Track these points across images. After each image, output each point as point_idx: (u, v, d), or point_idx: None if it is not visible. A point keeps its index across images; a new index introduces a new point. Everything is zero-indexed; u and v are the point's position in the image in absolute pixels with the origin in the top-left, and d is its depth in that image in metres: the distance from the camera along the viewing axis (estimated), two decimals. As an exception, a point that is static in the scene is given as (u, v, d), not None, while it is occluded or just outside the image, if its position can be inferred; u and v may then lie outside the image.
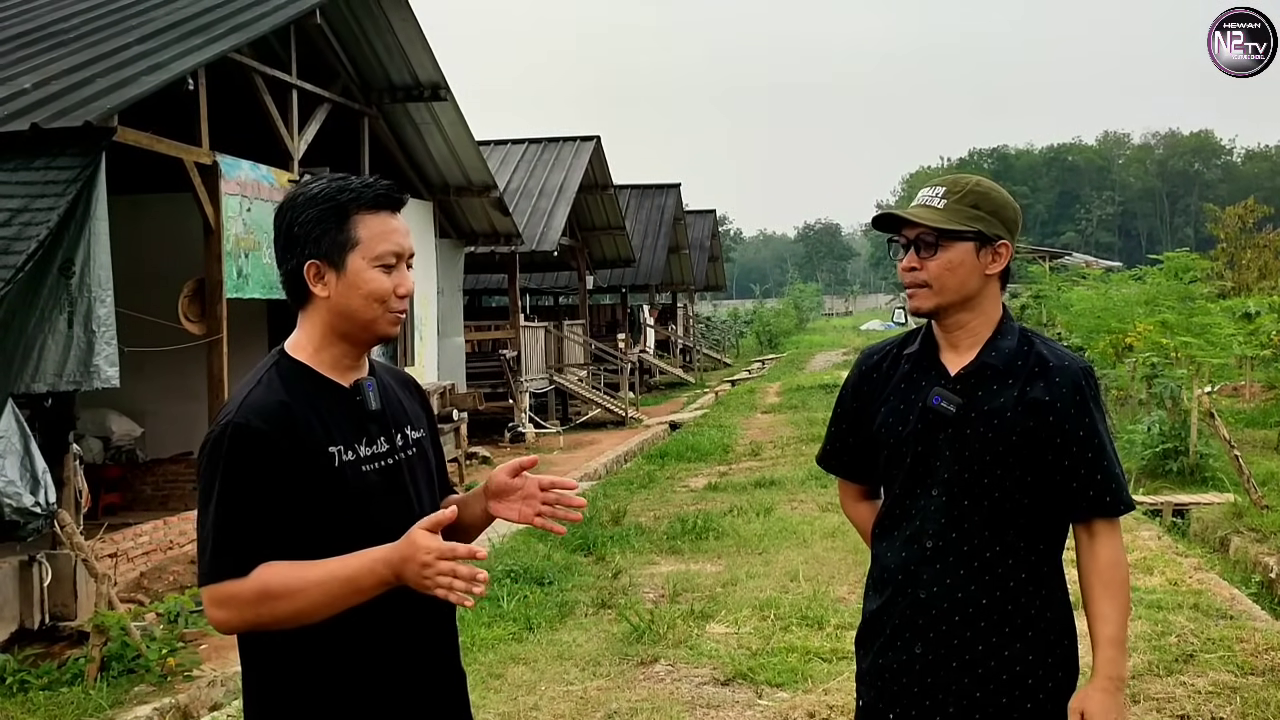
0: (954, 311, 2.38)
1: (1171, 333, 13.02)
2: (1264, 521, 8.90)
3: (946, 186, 2.39)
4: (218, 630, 2.05)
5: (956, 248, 2.34)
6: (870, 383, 2.53)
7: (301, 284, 2.12)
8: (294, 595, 1.97)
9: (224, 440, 2.01)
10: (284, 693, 2.08)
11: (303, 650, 2.05)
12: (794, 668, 5.83)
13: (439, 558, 1.92)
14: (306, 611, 1.98)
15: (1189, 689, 5.30)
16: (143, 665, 6.33)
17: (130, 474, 10.57)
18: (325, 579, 1.98)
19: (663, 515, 10.78)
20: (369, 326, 2.13)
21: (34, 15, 10.87)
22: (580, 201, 23.16)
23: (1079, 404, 2.33)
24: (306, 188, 2.15)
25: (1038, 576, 2.35)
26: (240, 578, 1.97)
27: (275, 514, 2.00)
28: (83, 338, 7.01)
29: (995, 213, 2.37)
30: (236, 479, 1.99)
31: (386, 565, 1.96)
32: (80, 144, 7.30)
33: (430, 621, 2.18)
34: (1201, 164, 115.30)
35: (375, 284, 2.10)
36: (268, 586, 1.97)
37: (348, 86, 13.16)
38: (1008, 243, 2.38)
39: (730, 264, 74.48)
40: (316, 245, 2.10)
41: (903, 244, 2.41)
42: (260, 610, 1.98)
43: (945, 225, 2.34)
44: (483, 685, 5.75)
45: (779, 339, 48.82)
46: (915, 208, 2.40)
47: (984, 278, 2.37)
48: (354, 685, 2.08)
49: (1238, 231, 33.31)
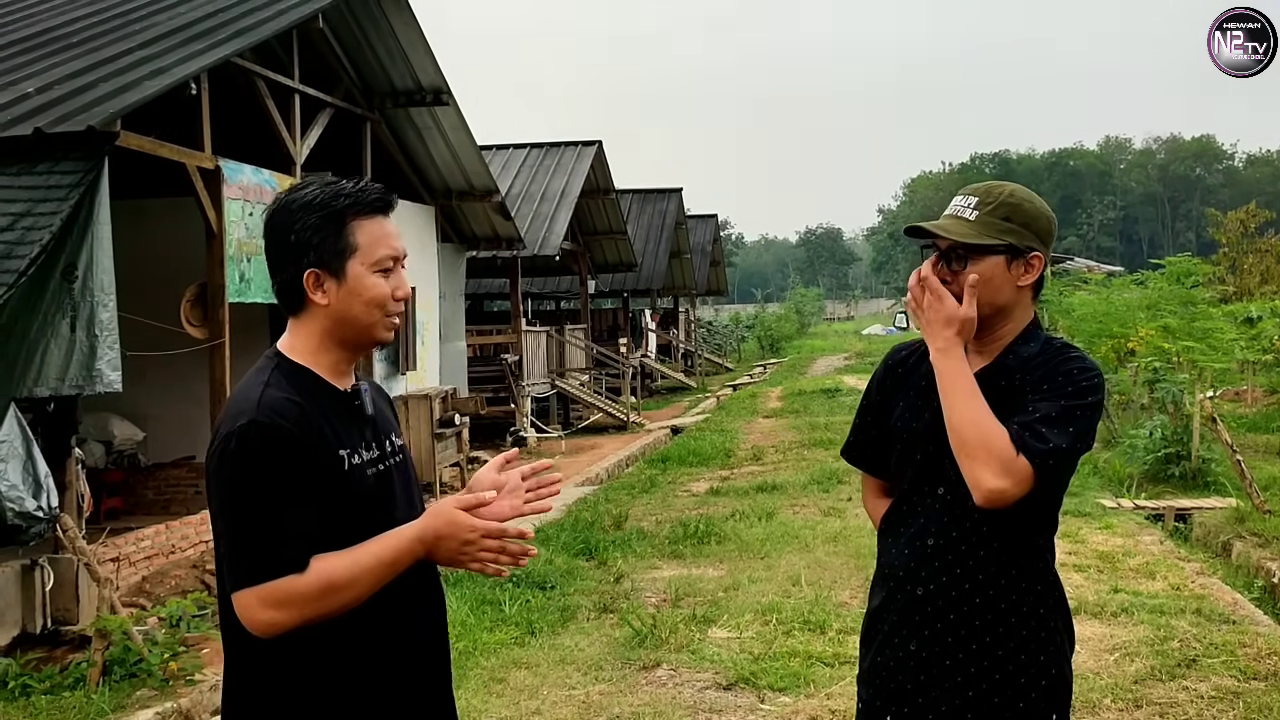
0: (987, 322, 2.36)
1: (1173, 337, 13.02)
2: (1266, 526, 8.90)
3: (979, 197, 2.36)
4: (262, 634, 1.97)
5: (987, 261, 2.32)
6: (895, 378, 2.53)
7: (299, 292, 2.10)
8: (354, 583, 1.98)
9: (250, 439, 1.97)
10: (268, 699, 2.05)
11: (298, 653, 2.02)
12: (796, 672, 5.82)
13: (485, 536, 2.03)
14: (358, 599, 2.00)
15: (1192, 694, 5.30)
16: (145, 669, 6.33)
17: (132, 478, 10.57)
18: (374, 563, 2.00)
19: (665, 520, 10.78)
20: (368, 332, 2.13)
21: (37, 20, 10.89)
22: (582, 206, 23.17)
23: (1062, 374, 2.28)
24: (298, 194, 2.12)
25: (1032, 576, 2.35)
26: (298, 573, 1.94)
27: (310, 510, 1.98)
28: (85, 342, 7.01)
29: (1028, 224, 2.34)
30: (270, 475, 1.96)
31: (420, 543, 2.03)
32: (83, 149, 7.31)
33: (423, 652, 2.17)
34: (1203, 169, 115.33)
35: (376, 290, 2.10)
36: (331, 578, 1.95)
37: (350, 91, 13.17)
38: (1040, 254, 2.35)
39: (732, 269, 74.46)
40: (316, 253, 2.08)
41: (936, 251, 2.39)
42: (321, 604, 1.95)
43: (975, 240, 2.32)
44: (485, 689, 5.75)
45: (780, 344, 48.81)
46: (945, 219, 2.38)
47: (1016, 289, 2.35)
48: (342, 689, 2.06)
49: (1239, 236, 33.33)
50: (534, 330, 20.96)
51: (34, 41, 9.94)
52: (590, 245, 25.48)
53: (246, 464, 1.97)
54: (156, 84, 8.25)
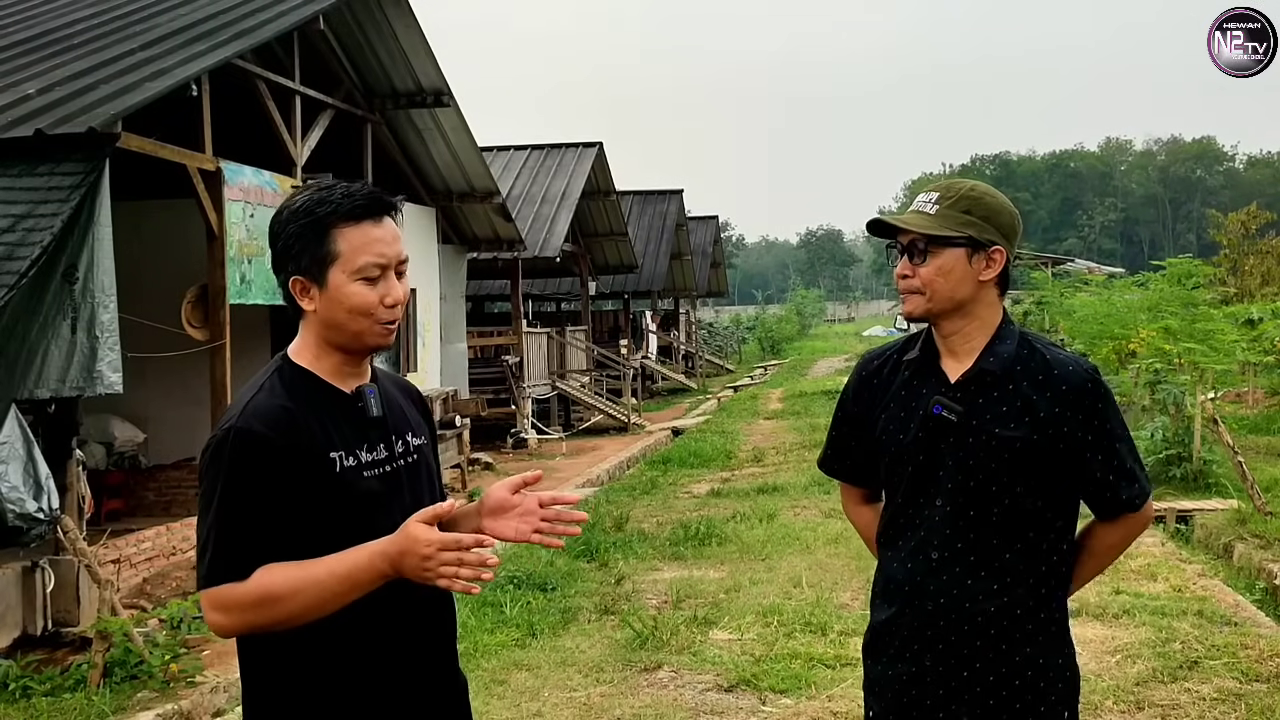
0: (948, 317, 2.36)
1: (1174, 339, 12.99)
2: (1268, 528, 8.88)
3: (940, 192, 2.38)
4: (216, 634, 2.04)
5: (946, 254, 2.33)
6: (870, 388, 2.51)
7: (291, 297, 2.14)
8: (295, 596, 1.97)
9: (226, 445, 2.01)
10: (283, 698, 2.08)
11: (302, 655, 2.05)
12: (797, 674, 5.82)
13: (440, 549, 1.92)
14: (306, 611, 1.98)
15: (1193, 695, 5.30)
16: (145, 671, 6.32)
17: (133, 479, 10.57)
18: (324, 577, 1.98)
19: (666, 521, 10.77)
20: (358, 338, 2.12)
21: (38, 21, 10.90)
22: (583, 208, 23.18)
23: (1087, 409, 2.31)
24: (291, 200, 2.14)
25: (1044, 581, 2.34)
26: (239, 581, 1.97)
27: (276, 518, 2.00)
28: (86, 343, 7.01)
29: (988, 218, 2.35)
30: (237, 483, 1.99)
31: (384, 559, 1.97)
32: (84, 150, 7.31)
33: (429, 627, 2.18)
34: (1204, 170, 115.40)
35: (357, 298, 2.08)
36: (269, 589, 1.96)
37: (351, 92, 13.18)
38: (1002, 249, 2.35)
39: (733, 270, 74.51)
40: (297, 261, 2.09)
41: (899, 249, 2.40)
42: (260, 613, 1.97)
43: (934, 231, 2.32)
44: (486, 691, 5.74)
45: (781, 345, 48.83)
46: (908, 214, 2.39)
47: (977, 284, 2.34)
48: (353, 690, 2.08)
49: (1240, 237, 33.30)
50: (535, 332, 20.97)
51: (35, 43, 9.95)
52: (591, 247, 25.48)
53: (218, 470, 2.01)
54: (157, 85, 8.25)
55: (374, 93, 13.62)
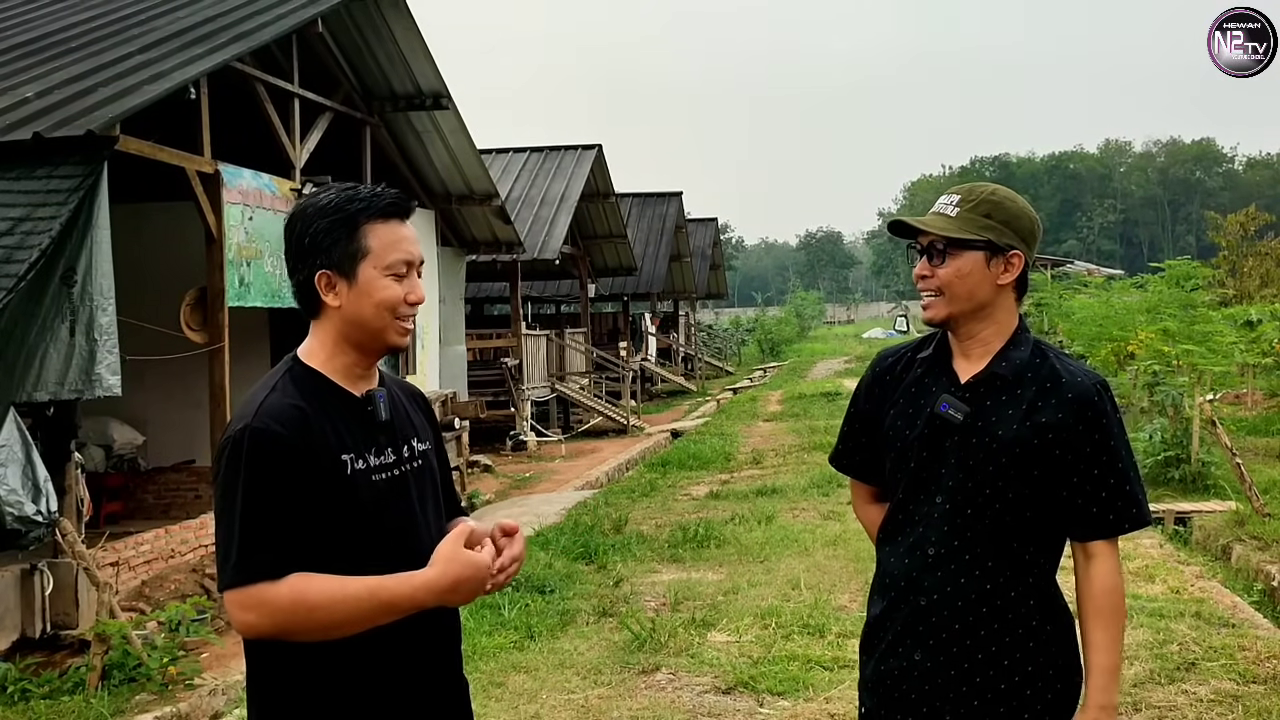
0: (966, 320, 2.38)
1: (1173, 340, 13.00)
2: (1266, 529, 8.88)
3: (962, 195, 2.40)
4: (245, 635, 2.03)
5: (966, 256, 2.34)
6: (883, 384, 2.52)
7: (313, 294, 2.14)
8: (329, 608, 1.97)
9: (244, 443, 2.01)
10: (291, 700, 2.08)
11: (311, 658, 2.05)
12: (795, 676, 5.82)
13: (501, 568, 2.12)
14: (338, 625, 1.99)
15: (1191, 697, 5.30)
16: (144, 674, 6.33)
17: (132, 482, 10.58)
18: (364, 597, 1.99)
19: (664, 523, 10.78)
20: (379, 335, 2.15)
21: (36, 24, 10.90)
22: (582, 210, 23.18)
23: (1089, 421, 2.30)
24: (315, 198, 2.17)
25: (1039, 588, 2.34)
26: (271, 580, 1.97)
27: (296, 517, 2.00)
28: (84, 346, 7.01)
29: (1008, 222, 2.36)
30: (260, 481, 1.99)
31: (429, 593, 2.02)
32: (82, 153, 7.32)
33: (435, 630, 2.19)
34: (1203, 172, 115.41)
35: (387, 292, 2.12)
36: (305, 595, 1.97)
37: (350, 95, 13.18)
38: (1020, 253, 2.36)
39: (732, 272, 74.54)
40: (328, 255, 2.12)
41: (919, 250, 2.42)
42: (292, 618, 1.97)
43: (953, 233, 2.34)
44: (484, 694, 5.74)
45: (781, 347, 48.76)
46: (929, 215, 2.41)
47: (996, 287, 2.36)
48: (361, 693, 2.08)
49: (1239, 239, 33.36)
50: (534, 334, 20.97)
51: (33, 46, 9.95)
52: (590, 249, 25.48)
53: (237, 469, 2.01)
54: (156, 88, 8.25)
55: (373, 95, 13.62)
